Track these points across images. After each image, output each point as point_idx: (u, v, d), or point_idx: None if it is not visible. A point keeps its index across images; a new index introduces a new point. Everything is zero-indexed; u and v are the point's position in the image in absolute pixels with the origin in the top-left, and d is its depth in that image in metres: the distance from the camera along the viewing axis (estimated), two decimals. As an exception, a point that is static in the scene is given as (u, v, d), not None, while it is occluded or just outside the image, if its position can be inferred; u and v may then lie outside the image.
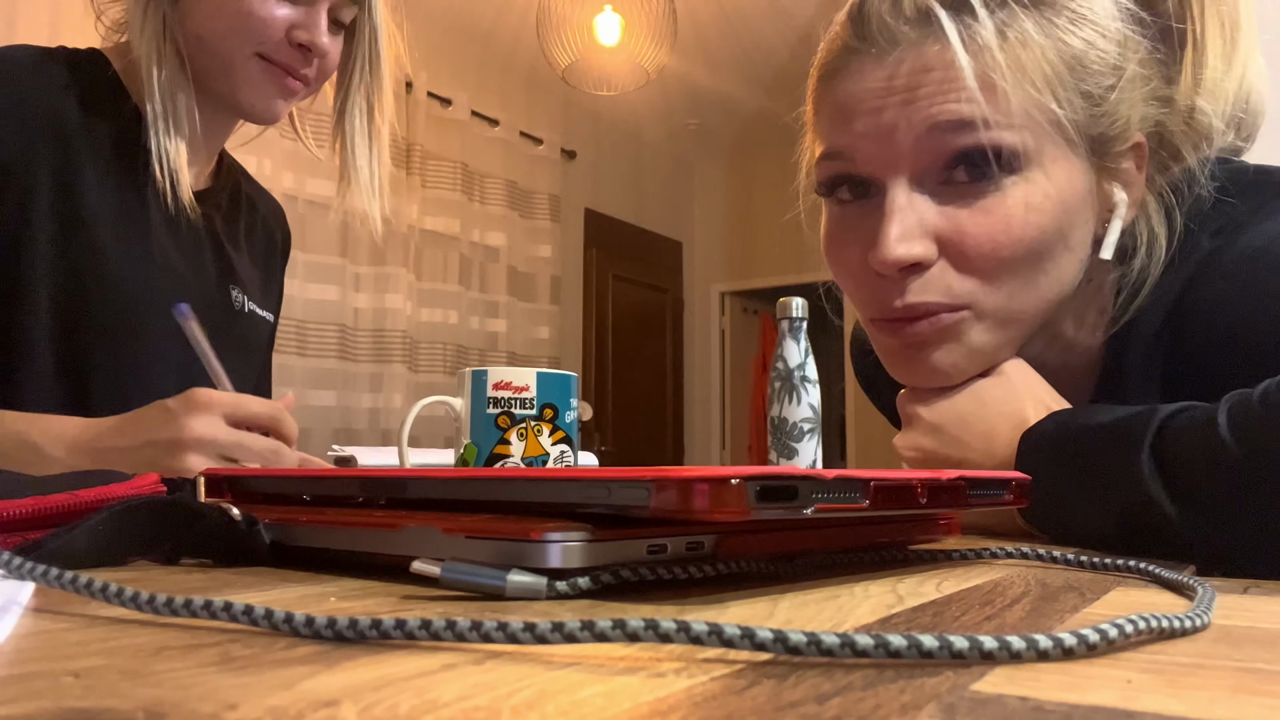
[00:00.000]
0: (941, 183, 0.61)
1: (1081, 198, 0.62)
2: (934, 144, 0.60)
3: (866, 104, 0.62)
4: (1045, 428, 0.59)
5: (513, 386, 0.72)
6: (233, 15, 0.87)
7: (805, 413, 0.81)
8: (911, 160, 0.61)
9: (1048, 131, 0.60)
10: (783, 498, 0.32)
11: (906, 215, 0.61)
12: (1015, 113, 0.59)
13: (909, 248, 0.60)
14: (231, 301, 1.01)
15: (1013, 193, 0.60)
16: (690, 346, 5.87)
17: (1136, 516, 0.51)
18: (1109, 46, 0.62)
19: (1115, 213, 0.64)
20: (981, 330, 0.63)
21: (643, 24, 3.41)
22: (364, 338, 3.76)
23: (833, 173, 0.66)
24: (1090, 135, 0.62)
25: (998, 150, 0.59)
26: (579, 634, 0.23)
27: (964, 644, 0.23)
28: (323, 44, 0.90)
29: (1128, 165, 0.65)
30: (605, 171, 5.27)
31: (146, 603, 0.26)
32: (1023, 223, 0.60)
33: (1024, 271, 0.61)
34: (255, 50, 0.89)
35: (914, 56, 0.60)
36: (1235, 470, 0.48)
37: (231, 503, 0.43)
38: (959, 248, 0.61)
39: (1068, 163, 0.61)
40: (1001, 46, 0.59)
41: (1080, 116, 0.61)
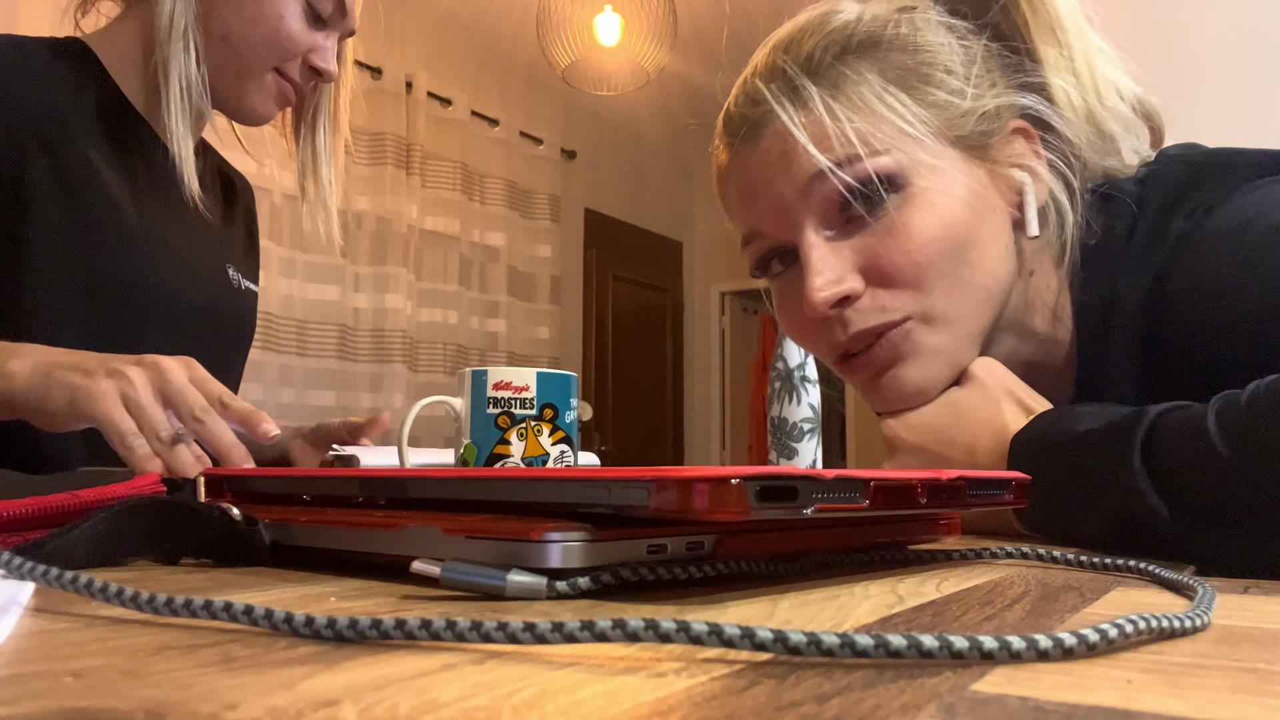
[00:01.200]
0: (845, 222, 0.66)
1: (977, 189, 0.67)
2: (818, 193, 0.66)
3: (754, 184, 0.69)
4: (1031, 432, 0.59)
5: (513, 386, 0.72)
6: (270, 29, 0.91)
7: (805, 413, 0.81)
8: (809, 214, 0.66)
9: (912, 146, 0.65)
10: (783, 498, 0.32)
11: (822, 260, 0.66)
12: (875, 140, 0.64)
13: (833, 288, 0.65)
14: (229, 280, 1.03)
15: (906, 206, 0.65)
16: (690, 346, 5.87)
17: (1131, 518, 0.51)
18: (945, 57, 0.67)
19: (1025, 194, 0.68)
20: (931, 334, 0.66)
21: (643, 24, 3.41)
22: (364, 338, 3.76)
23: (756, 253, 0.72)
24: (959, 136, 0.66)
25: (867, 181, 0.64)
26: (579, 634, 0.23)
27: (964, 644, 0.23)
28: (334, 71, 0.97)
29: (1018, 148, 0.69)
30: (605, 171, 5.27)
31: (146, 603, 0.26)
32: (925, 227, 0.64)
33: (947, 269, 0.65)
34: (275, 65, 0.93)
35: (771, 130, 0.67)
36: (1226, 475, 0.48)
37: (231, 503, 0.43)
38: (879, 271, 0.65)
39: (950, 162, 0.66)
40: (835, 99, 0.65)
41: (938, 124, 0.66)
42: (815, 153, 0.64)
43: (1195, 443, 0.49)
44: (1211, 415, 0.49)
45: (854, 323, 0.66)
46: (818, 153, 0.64)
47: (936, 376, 0.67)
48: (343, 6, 0.95)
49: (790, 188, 0.66)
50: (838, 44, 0.67)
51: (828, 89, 0.66)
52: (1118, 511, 0.52)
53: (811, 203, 0.66)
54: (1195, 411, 0.51)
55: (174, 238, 0.95)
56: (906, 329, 0.66)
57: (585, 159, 5.07)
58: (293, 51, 0.93)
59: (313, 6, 0.93)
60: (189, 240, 0.97)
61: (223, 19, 0.90)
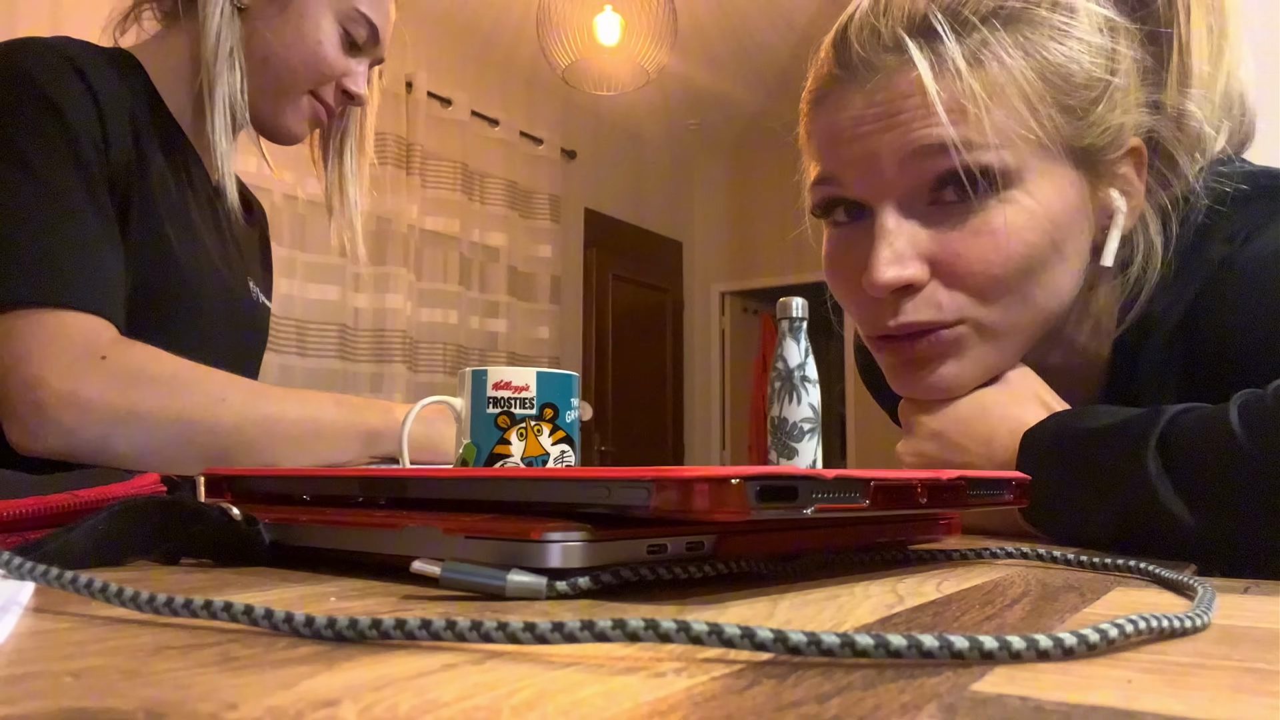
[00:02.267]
0: (930, 204, 0.63)
1: (1073, 210, 0.63)
2: (916, 168, 0.61)
3: (850, 131, 0.63)
4: (1046, 427, 0.59)
5: (513, 386, 0.72)
6: (309, 54, 0.94)
7: (805, 413, 0.81)
8: (897, 185, 0.63)
9: (1032, 148, 0.61)
10: (783, 498, 0.32)
11: (895, 239, 0.62)
12: (995, 133, 0.60)
13: (898, 271, 0.62)
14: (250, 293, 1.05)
15: (1000, 211, 0.61)
16: (690, 346, 5.86)
17: (1141, 516, 0.51)
18: (1093, 59, 0.62)
19: (1114, 220, 0.65)
20: (980, 344, 0.64)
21: (643, 24, 3.41)
22: (364, 338, 3.76)
23: (825, 197, 0.67)
24: (1078, 147, 0.62)
25: (979, 171, 0.60)
26: (579, 634, 0.23)
27: (964, 644, 0.23)
28: (364, 95, 1.00)
29: (1125, 171, 0.65)
30: (605, 171, 5.27)
31: (146, 603, 0.26)
32: (1012, 240, 0.61)
33: (1017, 287, 0.62)
34: (311, 87, 0.97)
35: (893, 83, 0.61)
36: (1250, 467, 0.47)
37: (231, 502, 0.43)
38: (950, 269, 0.62)
39: (1056, 176, 0.62)
40: (973, 71, 0.60)
41: (1065, 130, 0.62)
42: (948, 126, 0.59)
43: (1217, 437, 0.49)
44: (1234, 410, 0.49)
45: (907, 313, 0.63)
46: (950, 125, 0.59)
47: (972, 380, 0.66)
48: (376, 35, 0.98)
49: (890, 151, 0.61)
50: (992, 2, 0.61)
51: (970, 57, 0.60)
52: (1129, 506, 0.52)
53: (906, 174, 0.62)
54: (1216, 408, 0.50)
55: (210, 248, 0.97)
56: (959, 333, 0.63)
57: (585, 159, 5.07)
58: (328, 75, 0.97)
59: (349, 33, 0.96)
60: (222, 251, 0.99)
61: (264, 42, 0.93)
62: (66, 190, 0.79)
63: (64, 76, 0.82)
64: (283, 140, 1.00)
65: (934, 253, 0.62)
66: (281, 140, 1.00)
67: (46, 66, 0.82)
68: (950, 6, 0.61)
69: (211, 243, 0.97)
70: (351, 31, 0.96)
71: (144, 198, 0.87)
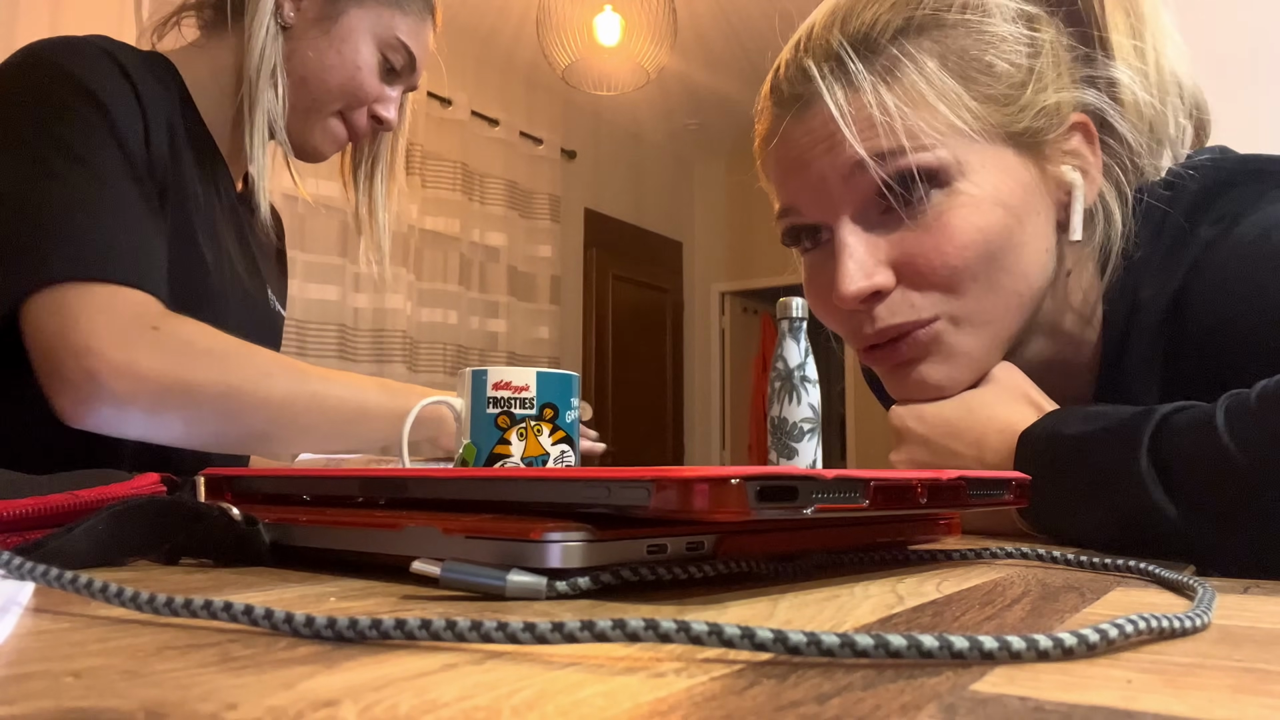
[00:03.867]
0: (882, 213, 0.65)
1: (1025, 189, 0.65)
2: (860, 181, 0.64)
3: (795, 160, 0.67)
4: (1040, 430, 0.59)
5: (513, 386, 0.72)
6: (346, 78, 0.96)
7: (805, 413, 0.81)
8: (847, 201, 0.65)
9: (965, 141, 0.63)
10: (783, 498, 0.32)
11: (855, 251, 0.65)
12: (924, 133, 0.62)
13: (863, 281, 0.64)
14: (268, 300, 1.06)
15: (948, 205, 0.63)
16: (690, 346, 5.87)
17: (1136, 518, 0.51)
18: (1011, 48, 0.65)
19: (1074, 194, 0.66)
20: (960, 336, 0.66)
21: (643, 24, 3.41)
22: (364, 338, 3.76)
23: (788, 227, 0.71)
24: (1015, 132, 0.64)
25: (915, 174, 0.62)
26: (579, 634, 0.23)
27: (964, 644, 0.23)
28: (393, 121, 1.02)
29: (1074, 144, 0.67)
30: (605, 171, 5.27)
31: (146, 603, 0.26)
32: (964, 230, 0.63)
33: (982, 274, 0.64)
34: (341, 108, 0.98)
35: (821, 108, 0.65)
36: (1235, 472, 0.48)
37: (231, 503, 0.43)
38: (914, 269, 0.64)
39: (999, 160, 0.64)
40: (887, 87, 0.63)
41: (997, 119, 0.64)
42: (858, 145, 0.62)
43: (1204, 440, 0.49)
44: (1220, 413, 0.49)
45: (882, 318, 0.65)
46: (860, 144, 0.63)
47: (959, 377, 0.67)
48: (413, 63, 1.00)
49: (832, 171, 0.65)
50: (899, 20, 0.65)
51: (881, 74, 0.63)
52: (1123, 508, 0.52)
53: (851, 190, 0.65)
54: (1204, 409, 0.50)
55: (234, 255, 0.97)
56: (935, 329, 0.65)
57: (585, 159, 5.07)
58: (362, 100, 0.98)
59: (388, 60, 0.98)
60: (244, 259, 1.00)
61: (304, 62, 0.94)
62: (115, 176, 0.80)
63: (108, 74, 0.82)
64: (308, 157, 1.01)
65: (895, 257, 0.65)
66: (307, 157, 1.01)
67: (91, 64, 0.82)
68: (857, 34, 0.65)
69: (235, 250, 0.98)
70: (390, 58, 0.98)
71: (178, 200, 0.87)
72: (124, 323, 0.75)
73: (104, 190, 0.78)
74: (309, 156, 1.01)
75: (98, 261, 0.75)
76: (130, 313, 0.75)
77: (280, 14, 0.93)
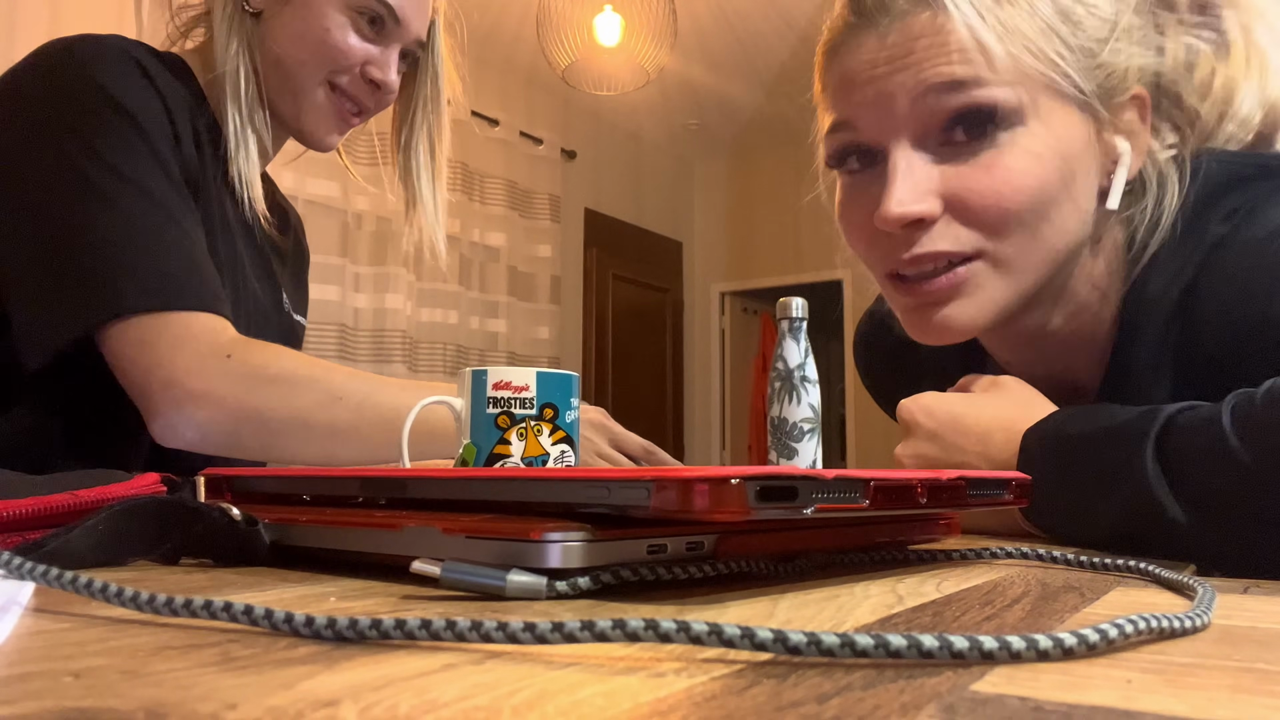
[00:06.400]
0: (943, 143, 0.64)
1: (1081, 148, 0.64)
2: (929, 106, 0.63)
3: (865, 74, 0.65)
4: (1045, 428, 0.59)
5: (513, 386, 0.72)
6: (315, 44, 0.91)
7: (805, 413, 0.81)
8: (911, 123, 0.64)
9: (1043, 85, 0.62)
10: (783, 498, 0.32)
11: (909, 175, 0.63)
12: (1007, 69, 0.61)
13: (911, 204, 0.63)
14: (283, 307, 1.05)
15: (1011, 147, 0.62)
16: (690, 346, 5.87)
17: (1139, 517, 0.51)
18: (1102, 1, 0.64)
19: (1119, 163, 0.66)
20: (993, 279, 0.65)
21: (643, 24, 3.41)
22: (364, 338, 3.76)
23: (840, 144, 0.68)
24: (1087, 88, 0.64)
25: (992, 107, 0.61)
26: (579, 634, 0.23)
27: (964, 644, 0.23)
28: (392, 81, 0.95)
29: (1130, 116, 0.66)
30: (605, 171, 5.27)
31: (146, 603, 0.26)
32: (1023, 174, 0.62)
33: (1029, 221, 0.63)
34: (326, 79, 0.93)
35: (906, 25, 0.63)
36: (1241, 472, 0.48)
37: (231, 503, 0.43)
38: (963, 203, 0.63)
39: (1065, 115, 0.64)
40: (988, 10, 0.61)
41: (1075, 69, 0.63)
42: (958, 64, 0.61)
43: (1209, 440, 0.49)
44: (1226, 413, 0.49)
45: (922, 244, 0.64)
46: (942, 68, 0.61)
47: (981, 321, 0.66)
48: (394, 15, 0.93)
49: (903, 91, 0.63)
50: None
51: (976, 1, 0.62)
52: (1127, 507, 0.52)
53: (918, 112, 0.63)
54: (1210, 410, 0.50)
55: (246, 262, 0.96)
56: (973, 269, 0.64)
57: (585, 159, 5.07)
58: (343, 64, 0.92)
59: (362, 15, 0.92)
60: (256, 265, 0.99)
61: (276, 41, 0.92)
62: (161, 194, 0.80)
63: (131, 77, 0.82)
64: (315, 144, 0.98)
65: (946, 188, 0.63)
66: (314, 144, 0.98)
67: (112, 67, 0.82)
68: None
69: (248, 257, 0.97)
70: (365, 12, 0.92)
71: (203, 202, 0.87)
72: (202, 352, 0.77)
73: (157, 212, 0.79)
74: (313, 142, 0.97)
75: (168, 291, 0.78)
76: (206, 341, 0.78)
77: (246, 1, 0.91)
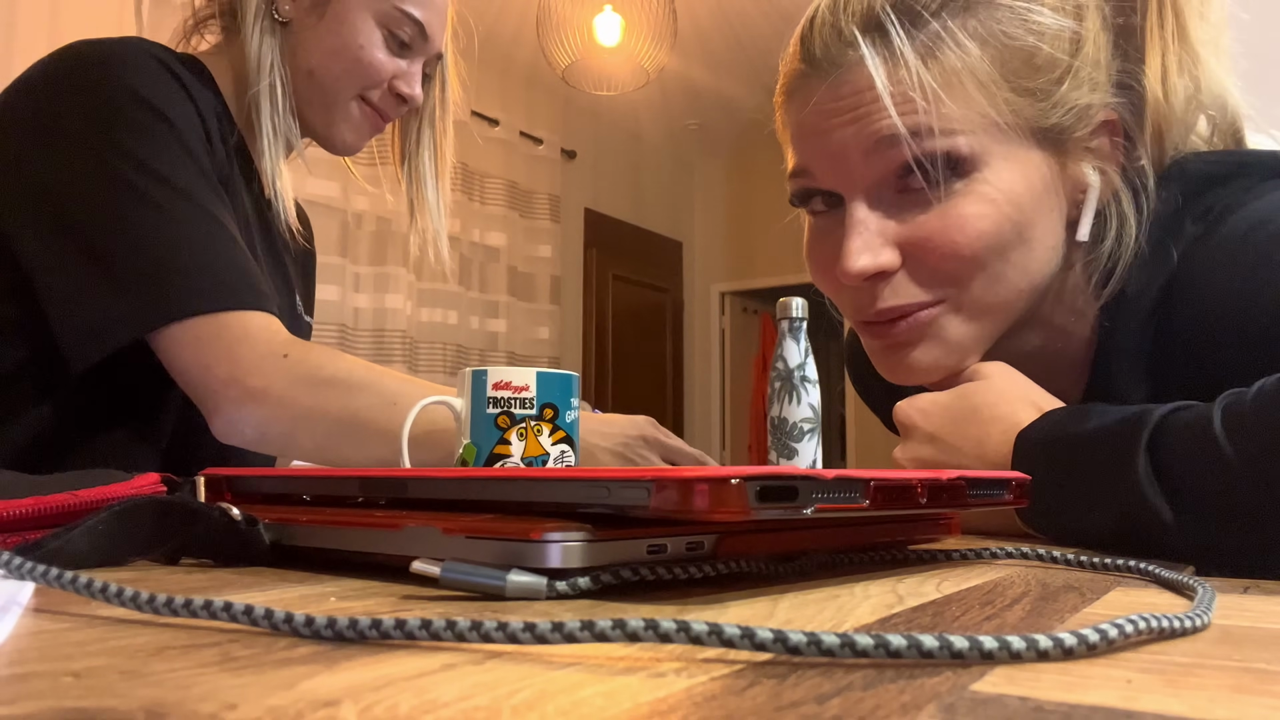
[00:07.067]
0: (899, 191, 0.64)
1: (1042, 187, 0.64)
2: (879, 159, 0.63)
3: (818, 125, 0.66)
4: (1038, 430, 0.59)
5: (513, 386, 0.72)
6: (351, 61, 0.93)
7: (805, 413, 0.81)
8: (865, 175, 0.65)
9: (992, 132, 0.63)
10: (783, 498, 0.32)
11: (865, 229, 0.64)
12: (951, 120, 0.61)
13: (869, 260, 0.64)
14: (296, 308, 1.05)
15: (966, 194, 0.63)
16: (690, 346, 5.87)
17: (1133, 518, 0.51)
18: (1054, 40, 0.64)
19: (1088, 194, 0.66)
20: (958, 323, 0.66)
21: (643, 24, 3.41)
22: (364, 338, 3.76)
23: (800, 188, 0.70)
24: (1043, 127, 0.64)
25: (938, 158, 0.62)
26: (579, 634, 0.23)
27: (964, 644, 0.23)
28: (419, 96, 0.98)
29: (1098, 144, 0.66)
30: (605, 171, 5.27)
31: (146, 603, 0.26)
32: (978, 220, 0.63)
33: (989, 266, 0.64)
34: (359, 93, 0.95)
35: (853, 78, 0.63)
36: (1231, 471, 0.48)
37: (231, 503, 0.43)
38: (921, 252, 0.64)
39: (1019, 158, 0.64)
40: (926, 63, 0.62)
41: (1028, 113, 0.63)
42: (896, 119, 0.61)
43: (1200, 442, 0.49)
44: (1217, 414, 0.49)
45: (884, 298, 0.65)
46: (899, 118, 0.61)
47: (948, 364, 0.67)
48: (423, 31, 0.96)
49: (855, 143, 0.64)
50: None
51: (923, 50, 0.62)
52: (1120, 509, 0.52)
53: (871, 164, 0.64)
54: (1201, 411, 0.50)
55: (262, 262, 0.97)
56: (935, 313, 0.65)
57: (585, 159, 5.07)
58: (376, 80, 0.95)
59: (394, 34, 0.94)
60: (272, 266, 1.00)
61: (308, 53, 0.93)
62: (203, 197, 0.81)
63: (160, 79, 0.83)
64: (338, 150, 0.99)
65: (904, 239, 0.64)
66: (337, 150, 0.99)
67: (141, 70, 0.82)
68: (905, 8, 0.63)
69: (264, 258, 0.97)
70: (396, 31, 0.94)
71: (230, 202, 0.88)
72: (260, 350, 0.79)
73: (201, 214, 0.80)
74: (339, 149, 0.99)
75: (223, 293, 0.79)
76: (263, 339, 0.79)
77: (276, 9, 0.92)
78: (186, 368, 0.79)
